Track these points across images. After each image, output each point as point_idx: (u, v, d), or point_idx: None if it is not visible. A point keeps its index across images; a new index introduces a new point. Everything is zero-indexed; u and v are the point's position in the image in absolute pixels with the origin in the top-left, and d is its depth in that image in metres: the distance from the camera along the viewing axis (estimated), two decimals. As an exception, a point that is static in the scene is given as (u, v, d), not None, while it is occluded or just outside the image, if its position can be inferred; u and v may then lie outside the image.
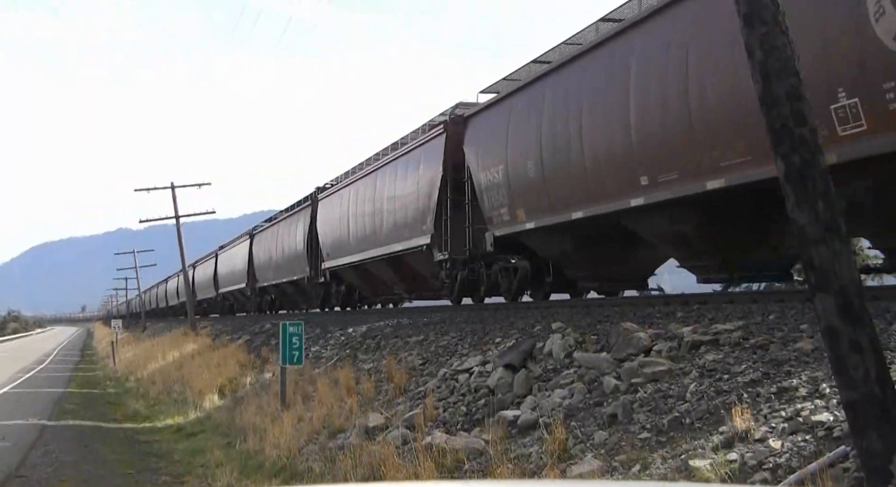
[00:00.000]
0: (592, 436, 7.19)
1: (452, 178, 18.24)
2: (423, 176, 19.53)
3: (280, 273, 35.03)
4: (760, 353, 7.28)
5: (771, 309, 8.79)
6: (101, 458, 13.66)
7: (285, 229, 34.48)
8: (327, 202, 28.70)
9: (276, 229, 36.53)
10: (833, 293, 4.42)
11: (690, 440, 6.21)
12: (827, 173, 4.54)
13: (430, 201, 18.81)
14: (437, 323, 15.69)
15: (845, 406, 4.48)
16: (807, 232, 4.50)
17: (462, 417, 9.57)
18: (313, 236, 29.74)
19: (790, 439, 5.44)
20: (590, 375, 8.66)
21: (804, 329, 7.51)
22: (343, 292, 29.04)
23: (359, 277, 26.27)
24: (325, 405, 12.59)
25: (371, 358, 15.21)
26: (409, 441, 9.20)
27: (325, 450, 10.39)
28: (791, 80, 4.57)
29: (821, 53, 8.65)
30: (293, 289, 34.62)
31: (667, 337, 8.66)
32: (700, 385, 7.10)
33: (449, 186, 18.28)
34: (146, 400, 23.01)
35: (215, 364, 23.68)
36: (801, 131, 4.54)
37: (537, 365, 9.83)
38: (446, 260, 18.55)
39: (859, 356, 4.35)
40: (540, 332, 11.01)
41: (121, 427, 17.95)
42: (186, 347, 32.68)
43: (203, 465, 12.21)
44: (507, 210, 15.91)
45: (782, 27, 4.63)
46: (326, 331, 21.04)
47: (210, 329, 40.31)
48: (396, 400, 11.46)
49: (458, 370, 11.09)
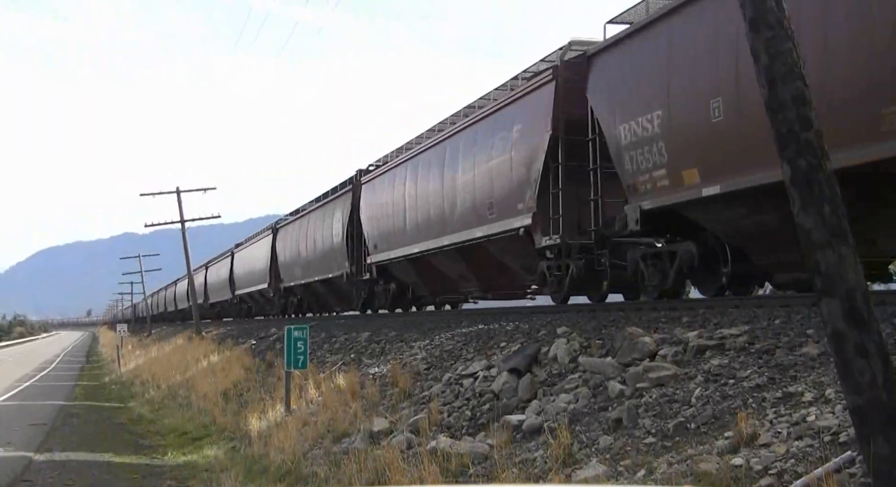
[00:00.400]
0: (597, 441, 7.18)
1: (566, 140, 14.37)
2: (519, 140, 15.50)
3: (311, 270, 31.05)
4: (766, 358, 7.26)
5: (777, 314, 8.76)
6: (106, 462, 13.67)
7: (318, 220, 30.40)
8: (374, 185, 24.51)
9: (305, 221, 32.30)
10: (839, 297, 4.41)
11: (696, 445, 6.20)
12: (833, 178, 4.54)
13: (531, 171, 14.89)
14: (441, 327, 15.65)
15: (851, 411, 4.46)
16: (813, 236, 4.49)
17: (467, 421, 9.57)
18: (354, 226, 25.93)
19: (796, 444, 5.43)
20: (595, 380, 8.64)
21: (810, 333, 7.49)
22: (394, 291, 24.25)
23: (416, 273, 22.07)
24: (329, 409, 12.59)
25: (376, 362, 15.20)
26: (414, 446, 9.19)
27: (330, 455, 10.39)
28: (797, 85, 4.57)
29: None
30: (326, 289, 30.72)
31: (672, 341, 8.64)
32: (705, 389, 7.08)
33: (561, 150, 14.42)
34: (151, 405, 23.04)
35: (220, 368, 23.70)
36: (807, 135, 4.54)
37: (542, 369, 9.82)
38: (554, 247, 14.71)
39: (865, 361, 4.34)
40: (545, 337, 11.00)
41: (126, 431, 17.96)
42: (192, 352, 32.69)
43: (208, 469, 12.21)
44: (665, 172, 12.00)
45: (788, 31, 4.63)
46: (331, 336, 21.04)
47: (217, 333, 40.33)
48: (401, 405, 11.45)
49: (463, 374, 11.08)
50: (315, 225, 30.69)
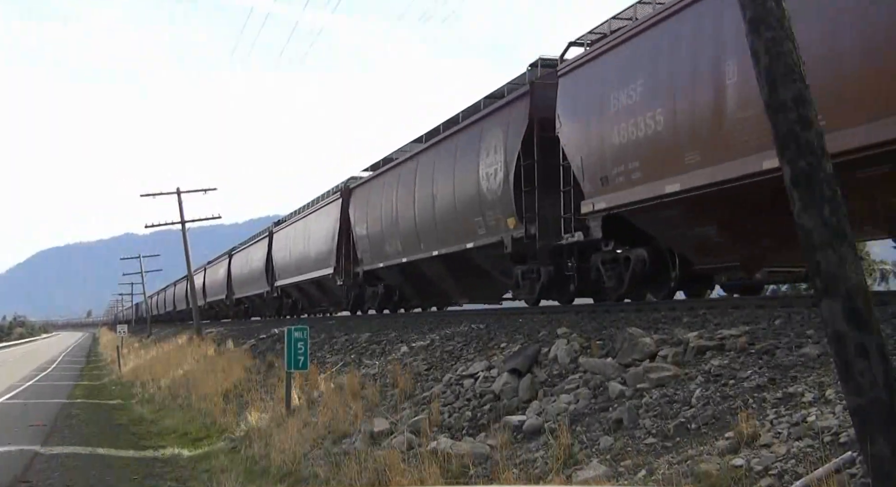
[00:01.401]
0: (598, 441, 7.18)
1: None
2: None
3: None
4: (766, 358, 7.27)
5: (777, 315, 8.77)
6: (107, 463, 13.66)
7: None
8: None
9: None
10: (840, 298, 4.41)
11: (696, 445, 6.20)
12: (833, 178, 4.54)
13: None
14: (445, 328, 15.64)
15: (852, 412, 4.47)
16: (813, 236, 4.49)
17: (467, 422, 9.57)
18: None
19: (796, 444, 5.43)
20: (595, 380, 8.65)
21: (810, 334, 7.49)
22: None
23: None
24: (330, 410, 12.59)
25: (376, 362, 15.20)
26: (415, 447, 9.19)
27: (331, 455, 10.38)
28: (797, 85, 4.57)
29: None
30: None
31: (672, 342, 8.64)
32: (706, 390, 7.09)
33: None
34: (151, 405, 23.03)
35: (221, 369, 23.68)
36: (807, 136, 4.54)
37: (543, 370, 9.82)
38: None
39: (866, 361, 4.34)
40: (545, 337, 11.00)
41: (126, 432, 17.95)
42: (192, 352, 32.68)
43: (208, 470, 12.21)
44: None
45: (788, 32, 4.62)
46: (332, 336, 21.04)
47: (216, 334, 40.32)
48: (402, 405, 11.45)
49: (464, 375, 11.08)
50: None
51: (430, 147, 20.38)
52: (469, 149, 17.62)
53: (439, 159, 19.49)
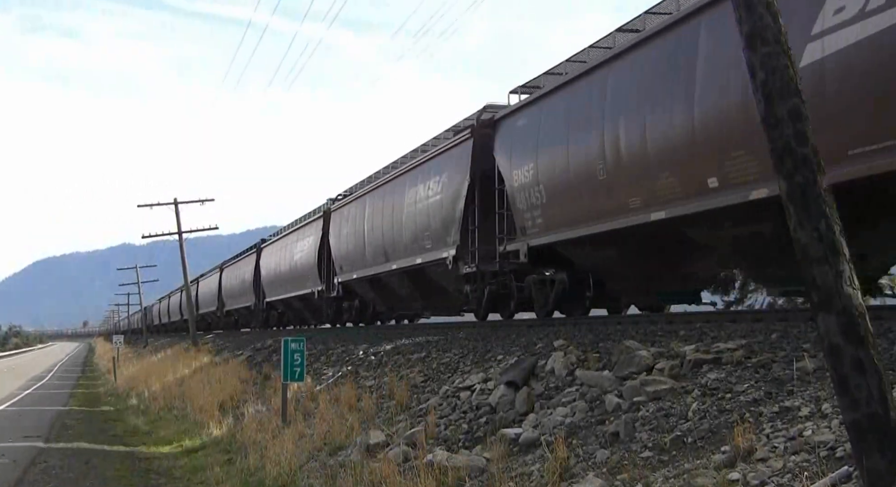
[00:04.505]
0: (594, 455, 7.17)
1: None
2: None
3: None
4: (763, 372, 7.27)
5: (774, 328, 8.78)
6: (102, 475, 13.61)
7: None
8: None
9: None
10: (836, 312, 4.42)
11: (693, 459, 6.19)
12: (829, 193, 4.55)
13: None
14: (438, 340, 15.64)
15: (848, 427, 4.47)
16: (809, 251, 4.50)
17: (463, 435, 9.55)
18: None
19: (792, 459, 5.42)
20: (592, 393, 8.64)
21: (807, 348, 7.49)
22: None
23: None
24: (326, 421, 12.56)
25: (373, 374, 15.17)
26: (411, 459, 9.17)
27: (326, 467, 10.36)
28: (793, 101, 4.59)
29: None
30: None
31: (669, 355, 8.64)
32: (702, 404, 7.08)
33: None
34: (147, 416, 22.96)
35: (217, 380, 23.63)
36: (804, 151, 4.55)
37: (539, 382, 9.81)
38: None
39: (862, 376, 4.35)
40: (542, 350, 10.99)
41: (121, 443, 17.88)
42: (188, 363, 32.63)
43: (203, 482, 12.17)
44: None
45: (784, 47, 4.65)
46: (328, 348, 21.01)
47: (212, 345, 40.26)
48: (398, 418, 11.43)
49: (460, 387, 11.07)
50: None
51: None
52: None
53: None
